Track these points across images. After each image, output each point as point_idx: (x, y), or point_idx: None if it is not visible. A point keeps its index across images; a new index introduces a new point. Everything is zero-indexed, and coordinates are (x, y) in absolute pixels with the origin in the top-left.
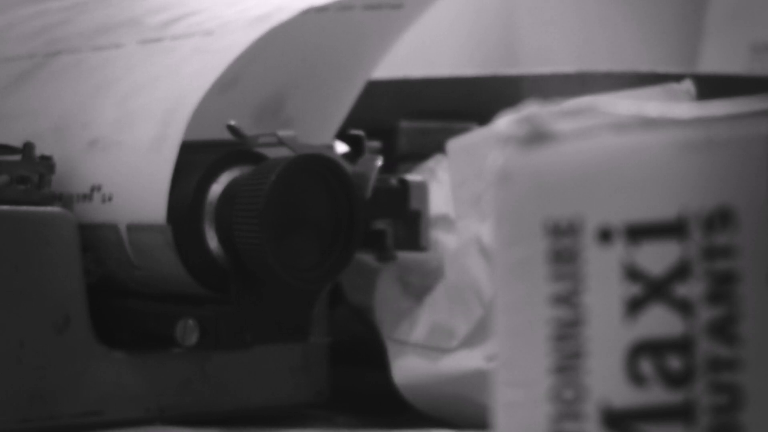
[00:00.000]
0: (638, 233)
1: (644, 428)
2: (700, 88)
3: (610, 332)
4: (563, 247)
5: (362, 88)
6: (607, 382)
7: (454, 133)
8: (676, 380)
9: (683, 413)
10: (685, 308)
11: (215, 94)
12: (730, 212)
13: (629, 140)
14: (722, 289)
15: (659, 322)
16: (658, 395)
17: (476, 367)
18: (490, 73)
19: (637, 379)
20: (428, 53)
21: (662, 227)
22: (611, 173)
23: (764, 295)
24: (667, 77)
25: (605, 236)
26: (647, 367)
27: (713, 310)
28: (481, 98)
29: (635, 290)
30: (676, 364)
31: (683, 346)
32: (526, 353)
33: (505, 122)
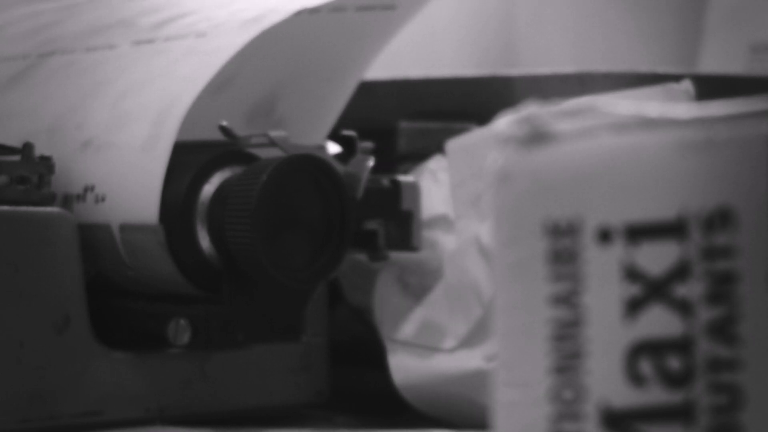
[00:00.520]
0: (638, 233)
1: (644, 428)
2: (699, 88)
3: (609, 332)
4: (563, 247)
5: (355, 88)
6: (606, 382)
7: (453, 133)
8: (675, 380)
9: (683, 413)
10: (684, 308)
11: (208, 95)
12: (729, 212)
13: (629, 140)
14: (722, 289)
15: (659, 322)
16: (657, 395)
17: (476, 367)
18: (489, 73)
19: (636, 379)
20: (428, 53)
21: (662, 227)
22: (611, 173)
23: (764, 295)
24: (666, 77)
25: (605, 236)
26: (647, 367)
27: (713, 310)
28: (480, 98)
29: (635, 290)
30: (675, 364)
31: (683, 346)
32: (525, 353)
33: (504, 122)
